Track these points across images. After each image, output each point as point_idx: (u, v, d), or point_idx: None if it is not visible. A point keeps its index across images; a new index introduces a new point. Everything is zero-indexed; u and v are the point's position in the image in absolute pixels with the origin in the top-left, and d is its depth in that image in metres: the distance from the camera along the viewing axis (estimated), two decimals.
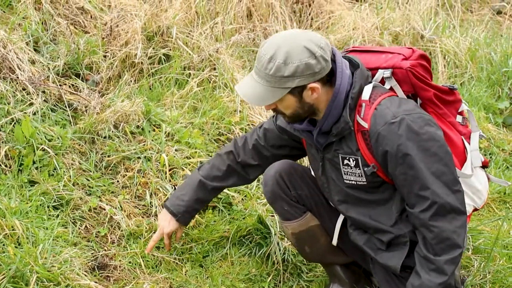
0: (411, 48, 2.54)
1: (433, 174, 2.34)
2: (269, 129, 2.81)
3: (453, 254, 2.37)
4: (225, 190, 3.28)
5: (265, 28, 4.52)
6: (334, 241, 2.77)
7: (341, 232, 2.77)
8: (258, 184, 3.52)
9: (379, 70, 2.50)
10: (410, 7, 5.01)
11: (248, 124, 3.80)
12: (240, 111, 3.86)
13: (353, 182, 2.53)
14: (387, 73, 2.46)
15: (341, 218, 2.76)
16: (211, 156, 3.55)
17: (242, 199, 3.40)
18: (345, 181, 2.55)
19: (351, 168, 2.50)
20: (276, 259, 3.04)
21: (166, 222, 2.91)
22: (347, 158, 2.49)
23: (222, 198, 3.31)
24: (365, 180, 2.50)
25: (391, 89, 2.49)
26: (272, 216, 3.26)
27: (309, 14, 4.95)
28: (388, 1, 5.09)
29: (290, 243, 3.08)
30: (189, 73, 4.07)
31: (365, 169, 2.46)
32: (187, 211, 2.90)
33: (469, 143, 2.60)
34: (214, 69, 4.10)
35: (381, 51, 2.58)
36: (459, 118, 2.59)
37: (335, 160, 2.54)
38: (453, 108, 2.58)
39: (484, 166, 2.67)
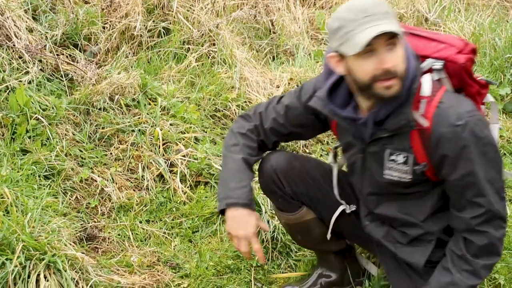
0: (462, 40, 2.31)
1: (489, 182, 2.21)
2: (292, 106, 2.50)
3: (492, 261, 2.28)
4: (217, 166, 3.27)
5: (267, 5, 4.47)
6: (328, 235, 2.66)
7: (340, 218, 2.64)
8: None
9: (428, 59, 2.28)
10: None
11: (245, 101, 3.77)
12: (238, 88, 3.83)
13: (395, 178, 2.33)
14: (439, 65, 2.25)
15: (336, 213, 2.62)
16: (205, 132, 3.54)
17: None
18: (385, 176, 2.34)
19: (397, 164, 2.30)
20: (265, 237, 3.02)
21: (244, 224, 2.40)
22: (396, 154, 2.29)
23: (215, 174, 3.30)
24: (410, 177, 2.30)
25: (438, 80, 2.30)
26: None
27: None
28: None
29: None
30: (188, 47, 4.04)
31: (415, 167, 2.27)
32: (252, 194, 2.49)
33: None
34: (214, 44, 4.07)
35: (429, 38, 2.35)
36: (482, 108, 2.45)
37: (379, 154, 2.32)
38: (481, 100, 2.44)
39: None
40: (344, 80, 2.24)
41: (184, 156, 3.34)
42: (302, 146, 3.68)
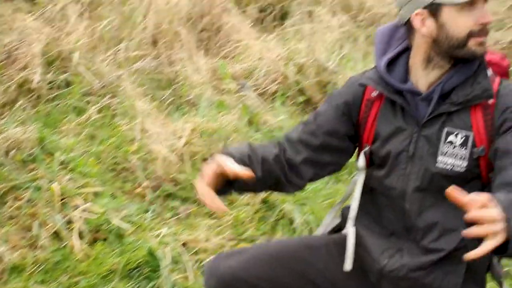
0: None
1: None
2: (322, 112, 2.23)
3: None
4: (117, 221, 3.25)
5: (170, 55, 4.51)
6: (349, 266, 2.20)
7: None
8: (153, 216, 3.50)
9: None
10: (316, 39, 5.11)
11: (145, 154, 3.77)
12: (139, 140, 3.83)
13: (448, 167, 2.10)
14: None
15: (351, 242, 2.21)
16: (105, 186, 3.51)
17: (135, 230, 3.36)
18: (438, 164, 2.10)
19: (454, 147, 2.09)
20: None
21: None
22: (455, 133, 2.08)
23: (114, 229, 3.27)
24: (466, 165, 2.08)
25: None
26: (164, 247, 3.24)
27: (217, 43, 4.99)
28: (295, 33, 5.19)
29: (180, 276, 3.08)
30: (89, 99, 4.01)
31: (474, 150, 2.07)
32: (241, 158, 2.07)
33: None
34: (115, 96, 4.07)
35: None
36: None
37: (436, 136, 2.09)
38: None
39: None
40: (401, 56, 2.12)
41: (83, 211, 3.30)
42: None
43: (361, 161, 2.22)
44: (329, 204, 3.75)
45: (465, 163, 2.08)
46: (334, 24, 5.28)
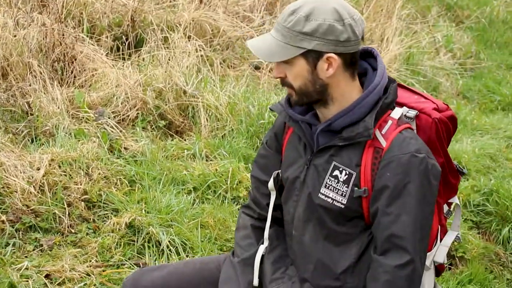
0: (447, 105, 2.27)
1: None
2: (260, 155, 2.42)
3: None
4: None
5: (22, 87, 4.38)
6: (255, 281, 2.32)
7: None
8: (14, 249, 3.37)
9: (404, 107, 2.20)
10: (172, 63, 5.15)
11: (3, 187, 3.62)
12: None
13: (329, 199, 2.15)
14: (412, 113, 2.17)
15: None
16: None
17: None
18: (320, 195, 2.17)
19: (337, 182, 2.14)
20: None
21: None
22: (341, 169, 2.13)
23: None
24: (345, 202, 2.13)
25: None
26: (26, 281, 3.12)
27: (72, 72, 4.90)
28: (150, 60, 5.21)
29: None
30: None
31: (355, 189, 2.12)
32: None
33: (441, 238, 2.34)
34: None
35: (416, 92, 2.29)
36: (445, 208, 2.35)
37: (323, 167, 2.17)
38: (447, 194, 2.32)
39: (439, 271, 2.39)
40: None
41: None
42: None
43: (270, 182, 2.34)
44: (196, 224, 3.77)
45: (344, 200, 2.13)
46: (190, 49, 5.35)
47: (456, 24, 8.21)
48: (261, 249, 2.34)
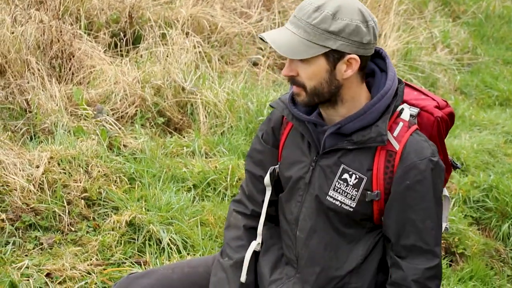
0: (446, 101, 2.25)
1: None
2: (254, 150, 2.35)
3: None
4: None
5: (20, 84, 4.36)
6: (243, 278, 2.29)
7: None
8: (14, 248, 3.35)
9: (404, 104, 2.17)
10: (170, 60, 5.13)
11: (2, 186, 3.60)
12: None
13: (337, 202, 2.12)
14: (414, 111, 2.15)
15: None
16: None
17: None
18: (328, 198, 2.13)
19: (346, 186, 2.10)
20: None
21: None
22: (350, 173, 2.10)
23: None
24: (354, 205, 2.11)
25: None
26: (27, 279, 3.10)
27: (70, 69, 4.88)
28: (148, 56, 5.19)
29: None
30: None
31: (367, 193, 2.09)
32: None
33: None
34: None
35: (415, 88, 2.27)
36: None
37: (331, 169, 2.12)
38: None
39: None
40: None
41: None
42: None
43: (267, 177, 2.29)
44: (196, 222, 3.76)
45: (353, 204, 2.11)
46: (188, 45, 5.33)
47: (453, 20, 8.21)
48: (253, 244, 2.31)
